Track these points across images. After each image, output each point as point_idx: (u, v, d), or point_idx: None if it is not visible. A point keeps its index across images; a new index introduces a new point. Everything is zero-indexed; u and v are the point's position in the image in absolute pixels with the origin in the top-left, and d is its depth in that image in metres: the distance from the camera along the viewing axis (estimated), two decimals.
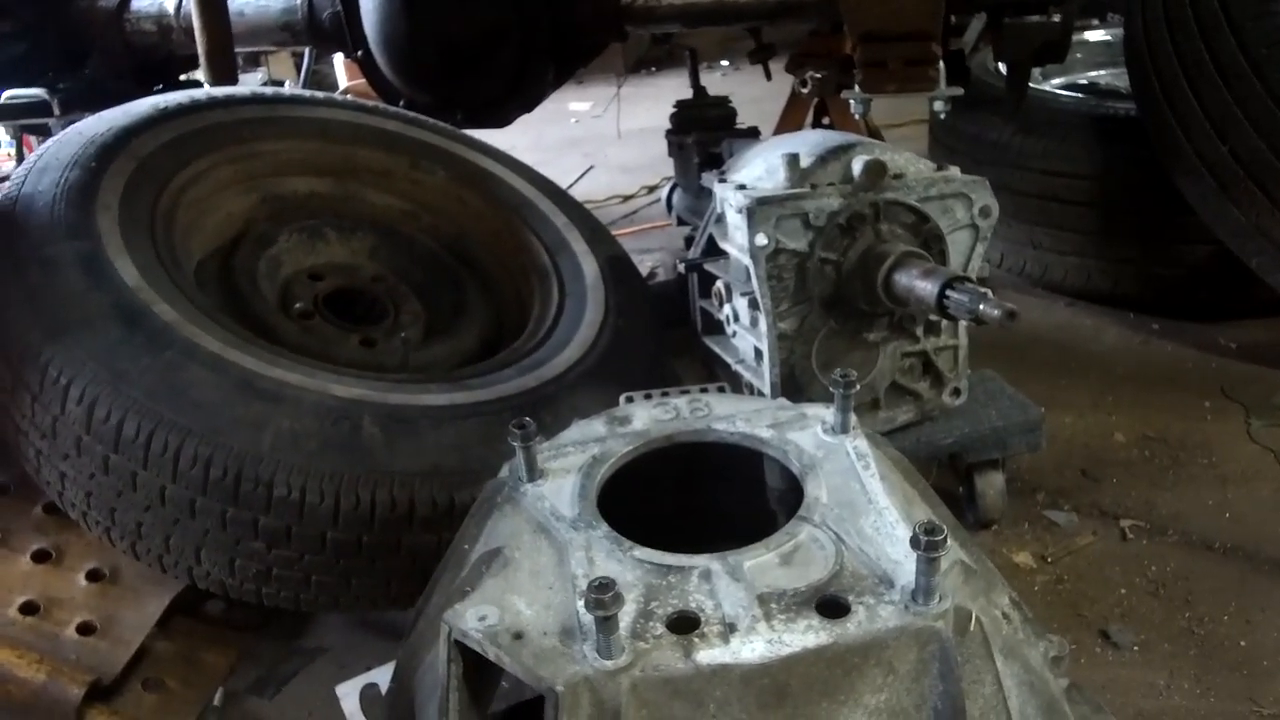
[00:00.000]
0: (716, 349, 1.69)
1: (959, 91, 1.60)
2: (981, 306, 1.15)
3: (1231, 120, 1.86)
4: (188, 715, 1.32)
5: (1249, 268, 2.00)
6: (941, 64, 1.56)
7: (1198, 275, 2.28)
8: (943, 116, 1.63)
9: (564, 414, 1.24)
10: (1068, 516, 1.67)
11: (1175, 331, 2.30)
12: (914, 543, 0.77)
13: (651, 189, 3.69)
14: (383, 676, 1.09)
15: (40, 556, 1.42)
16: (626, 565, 0.84)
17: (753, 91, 3.07)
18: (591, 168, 4.20)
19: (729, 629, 0.76)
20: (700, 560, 0.84)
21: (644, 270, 2.71)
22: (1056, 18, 1.80)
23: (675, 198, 2.50)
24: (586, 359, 1.56)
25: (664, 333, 1.76)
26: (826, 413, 1.03)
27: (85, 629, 1.34)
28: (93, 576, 1.40)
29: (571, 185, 3.77)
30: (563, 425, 1.06)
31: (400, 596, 1.28)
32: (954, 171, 1.46)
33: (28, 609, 1.36)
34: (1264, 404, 1.96)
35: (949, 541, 0.80)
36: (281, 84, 4.13)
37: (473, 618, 0.78)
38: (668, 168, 2.57)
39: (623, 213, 3.57)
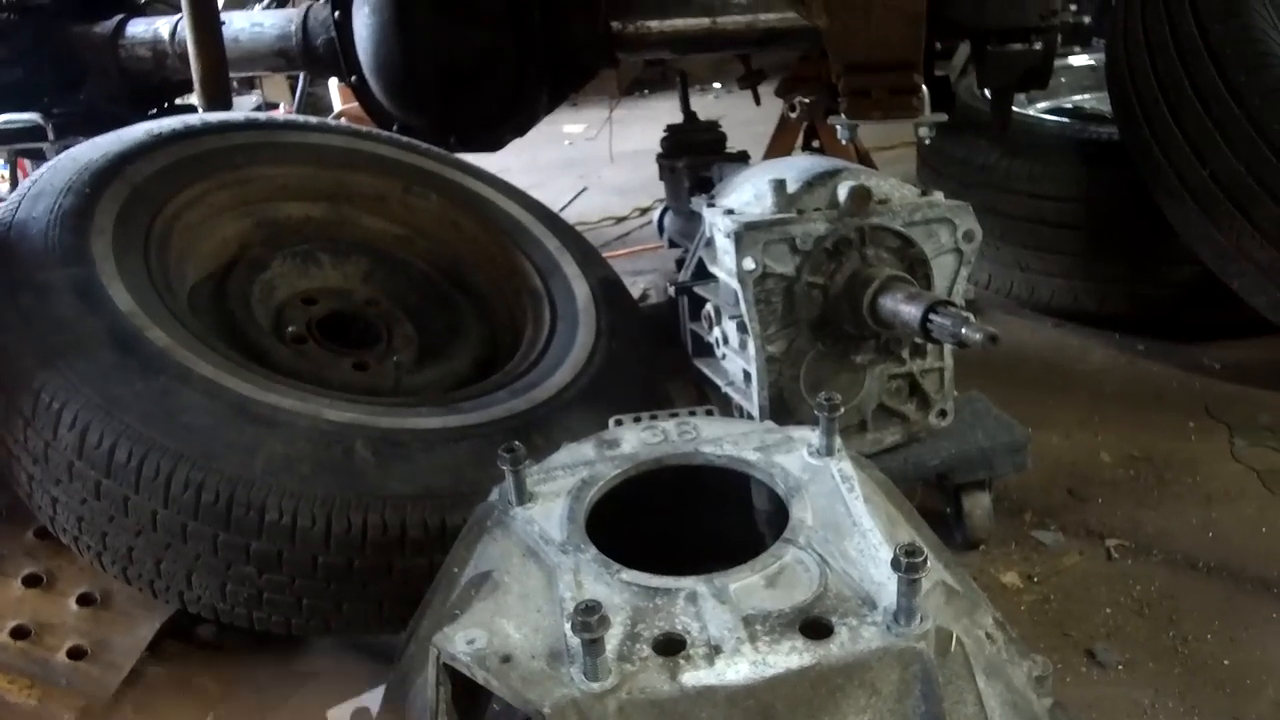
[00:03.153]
0: (707, 371, 1.71)
1: (943, 118, 1.63)
2: (964, 330, 1.18)
3: (1211, 144, 1.90)
4: None
5: (1231, 289, 2.03)
6: (925, 90, 1.59)
7: (1183, 296, 2.30)
8: (927, 142, 1.66)
9: (556, 436, 1.25)
10: (1054, 536, 1.68)
11: (1161, 352, 2.32)
12: (895, 564, 0.78)
13: (644, 211, 3.72)
14: (374, 700, 1.09)
15: (31, 581, 1.42)
16: (614, 588, 0.85)
17: (744, 114, 3.11)
18: (585, 189, 4.24)
19: (714, 651, 0.78)
20: (687, 582, 0.85)
21: (636, 292, 2.73)
22: (1038, 45, 1.84)
23: (667, 220, 2.53)
24: (578, 381, 1.57)
25: (656, 354, 1.78)
26: (813, 435, 1.05)
27: (76, 653, 1.34)
28: (84, 601, 1.40)
29: (564, 207, 3.80)
30: (555, 447, 1.08)
31: (392, 620, 1.29)
32: (938, 196, 1.48)
33: (19, 634, 1.36)
34: (1248, 423, 1.98)
35: (930, 563, 0.81)
36: (276, 107, 4.17)
37: (461, 641, 0.79)
38: (660, 190, 2.60)
39: (616, 234, 3.59)
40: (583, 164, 4.78)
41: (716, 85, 6.03)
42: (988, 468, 1.59)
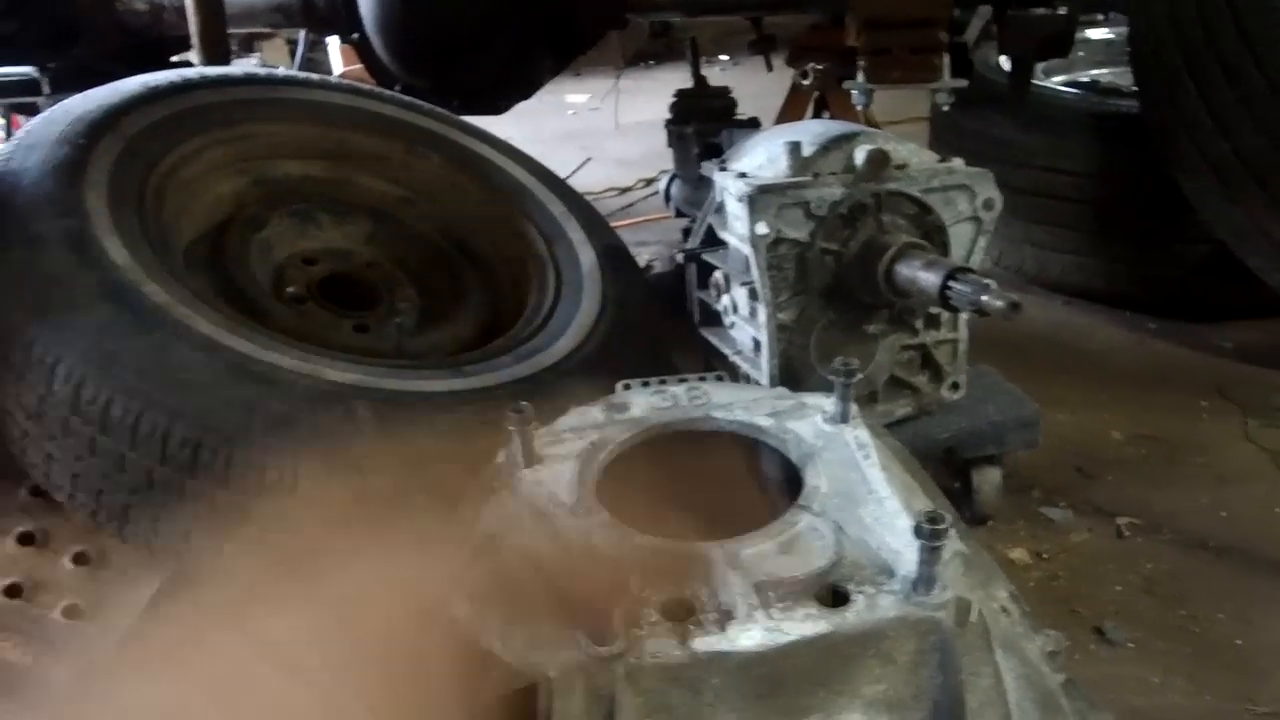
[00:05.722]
0: (714, 340, 1.68)
1: (963, 83, 1.59)
2: (984, 297, 1.14)
3: (1235, 118, 1.85)
4: None
5: (1247, 267, 2.00)
6: (946, 55, 1.55)
7: (1195, 275, 2.27)
8: (945, 108, 1.62)
9: (560, 402, 1.22)
10: (1063, 513, 1.66)
11: (1172, 331, 2.30)
12: (917, 531, 0.75)
13: (649, 182, 3.66)
14: None
15: (26, 539, 1.39)
16: (623, 552, 0.82)
17: (752, 87, 3.05)
18: (589, 160, 4.18)
19: (726, 617, 0.75)
20: (698, 548, 0.82)
21: (641, 262, 2.69)
22: (1061, 10, 1.79)
23: (674, 188, 2.48)
24: (583, 348, 1.54)
25: (663, 323, 1.75)
26: (826, 402, 1.02)
27: (72, 612, 1.32)
28: (79, 560, 1.38)
29: (568, 177, 3.74)
30: (558, 413, 1.05)
31: None
32: (957, 163, 1.45)
33: (12, 592, 1.33)
34: (1261, 404, 1.95)
35: (951, 531, 0.79)
36: (276, 69, 4.09)
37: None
38: (665, 161, 2.55)
39: (619, 205, 3.55)
40: (587, 135, 4.72)
41: (724, 57, 5.95)
42: (998, 443, 1.57)
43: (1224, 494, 1.70)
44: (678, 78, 2.72)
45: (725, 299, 1.60)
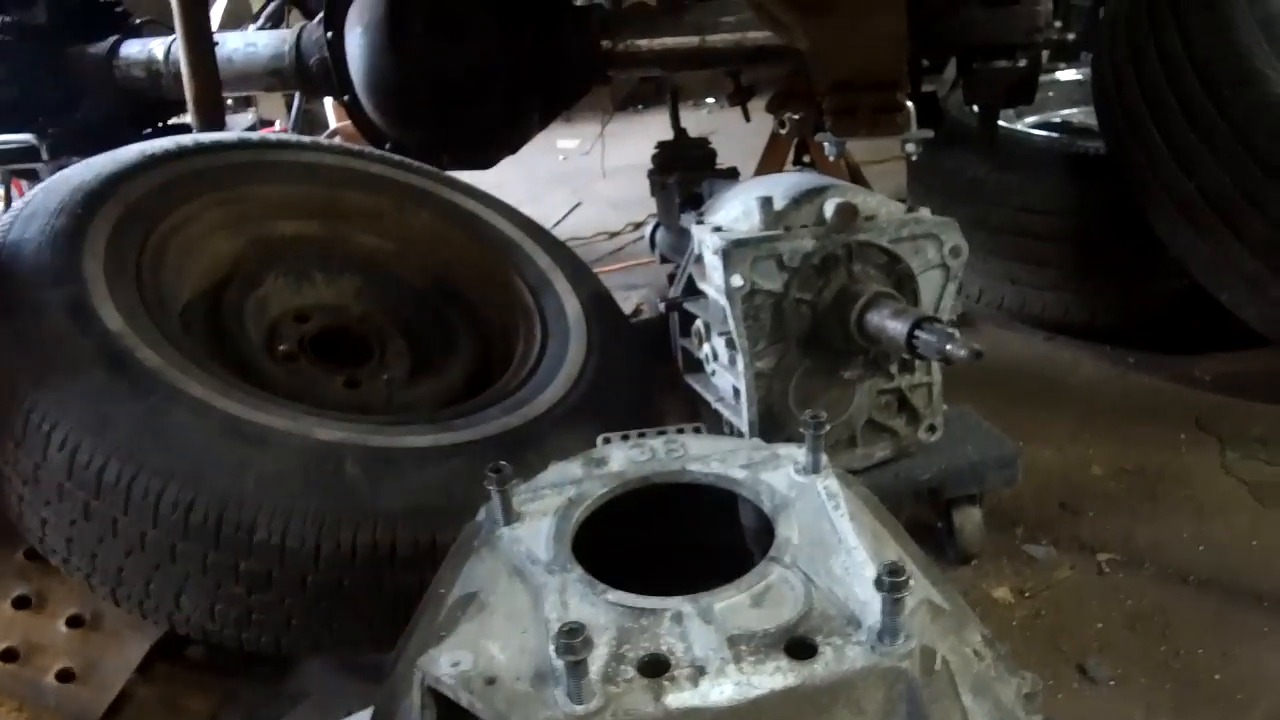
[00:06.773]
0: (697, 387, 1.71)
1: (929, 134, 1.65)
2: (949, 347, 1.18)
3: (1198, 158, 1.91)
4: None
5: (1220, 302, 2.04)
6: (911, 106, 1.61)
7: (1173, 309, 2.31)
8: (914, 158, 1.68)
9: (548, 452, 1.25)
10: (1046, 550, 1.68)
11: (1152, 364, 2.33)
12: (878, 584, 0.78)
13: (638, 225, 3.72)
14: None
15: (21, 603, 1.41)
16: (600, 608, 0.85)
17: (737, 128, 3.12)
18: (579, 204, 4.25)
19: (699, 672, 0.78)
20: (672, 603, 0.85)
21: (630, 306, 2.74)
22: (1023, 62, 1.86)
23: (658, 236, 2.54)
24: (569, 397, 1.58)
25: (649, 369, 1.79)
26: (799, 453, 1.05)
27: (65, 675, 1.34)
28: (74, 622, 1.40)
29: (559, 222, 3.81)
30: (547, 464, 1.08)
31: (382, 638, 1.28)
32: (924, 213, 1.49)
33: (8, 656, 1.35)
34: (1239, 436, 1.98)
35: (914, 581, 0.81)
36: (271, 124, 4.18)
37: (446, 663, 0.79)
38: (654, 204, 2.61)
39: (610, 249, 3.60)
40: (577, 179, 4.80)
41: (710, 100, 6.06)
42: (978, 482, 1.60)
43: (1204, 527, 1.72)
44: (666, 121, 2.79)
45: (706, 347, 1.64)
